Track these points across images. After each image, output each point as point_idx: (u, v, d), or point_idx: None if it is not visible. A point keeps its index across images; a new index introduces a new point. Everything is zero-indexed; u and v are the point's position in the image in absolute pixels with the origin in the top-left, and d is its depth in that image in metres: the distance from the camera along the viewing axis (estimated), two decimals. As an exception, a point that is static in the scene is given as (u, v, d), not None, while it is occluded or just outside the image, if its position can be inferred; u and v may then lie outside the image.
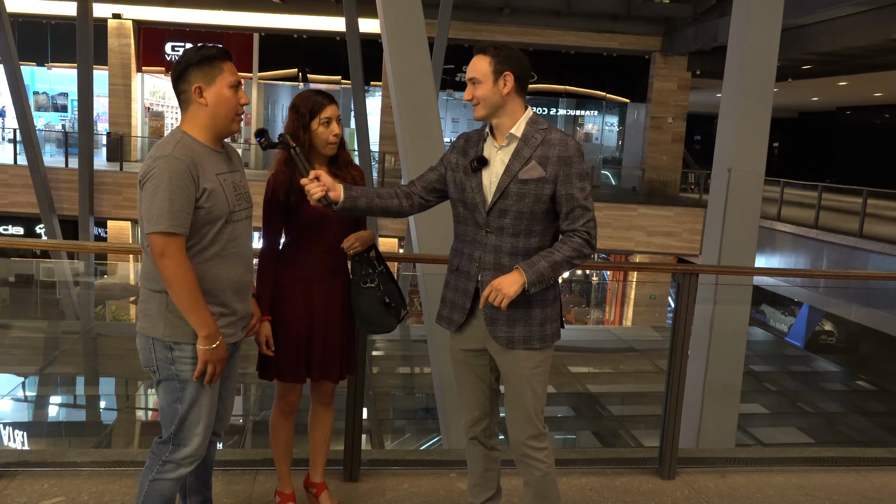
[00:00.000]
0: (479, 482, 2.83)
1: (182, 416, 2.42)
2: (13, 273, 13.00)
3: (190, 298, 2.30)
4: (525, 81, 2.52)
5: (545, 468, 2.63)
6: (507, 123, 2.52)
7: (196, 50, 2.39)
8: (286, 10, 19.01)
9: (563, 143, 2.48)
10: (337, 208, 2.54)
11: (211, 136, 2.43)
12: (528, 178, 2.46)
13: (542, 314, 2.56)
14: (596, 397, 11.88)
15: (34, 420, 10.29)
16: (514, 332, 2.54)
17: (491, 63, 2.47)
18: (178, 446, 2.44)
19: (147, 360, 2.43)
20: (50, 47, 20.14)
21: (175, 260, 2.28)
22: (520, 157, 2.48)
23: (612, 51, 20.19)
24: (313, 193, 2.49)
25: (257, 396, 10.21)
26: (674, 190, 20.27)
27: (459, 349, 2.71)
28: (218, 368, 2.39)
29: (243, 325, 2.58)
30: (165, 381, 2.42)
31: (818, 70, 18.18)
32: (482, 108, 2.50)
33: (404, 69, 5.62)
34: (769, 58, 5.90)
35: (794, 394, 13.00)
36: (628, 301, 20.65)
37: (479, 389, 2.74)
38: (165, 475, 2.44)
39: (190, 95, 2.38)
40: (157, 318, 2.38)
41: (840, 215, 14.85)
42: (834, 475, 3.89)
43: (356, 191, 2.58)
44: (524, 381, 2.58)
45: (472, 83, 2.51)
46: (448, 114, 25.81)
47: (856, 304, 13.01)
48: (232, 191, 2.45)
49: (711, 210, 6.18)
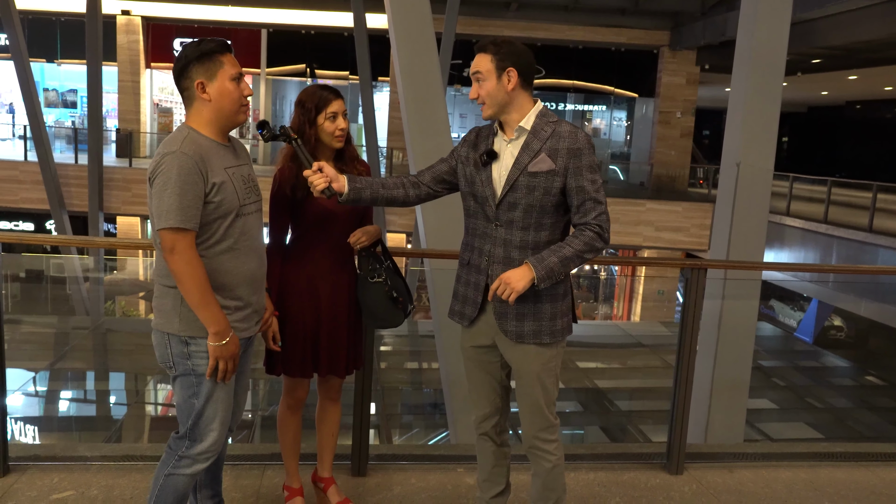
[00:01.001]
0: (488, 478, 2.83)
1: (199, 412, 2.42)
2: (24, 269, 13.06)
3: (200, 294, 2.30)
4: (529, 75, 2.50)
5: (555, 460, 2.65)
6: (515, 118, 2.50)
7: (195, 45, 2.39)
8: (294, 5, 19.00)
9: (573, 135, 2.46)
10: (341, 199, 2.53)
11: (217, 130, 2.43)
12: (538, 170, 2.45)
13: (551, 309, 2.54)
14: (604, 392, 11.88)
15: (45, 415, 10.36)
16: (523, 327, 2.53)
17: (493, 60, 2.46)
18: (194, 441, 2.45)
19: (163, 356, 2.44)
20: (59, 44, 20.20)
21: (185, 256, 2.28)
22: (529, 150, 2.47)
23: (619, 45, 20.11)
24: (316, 184, 2.48)
25: (265, 392, 10.25)
26: (682, 185, 20.19)
27: (469, 346, 2.71)
28: (230, 365, 2.39)
29: (257, 320, 2.58)
30: (182, 377, 2.42)
31: (827, 64, 18.07)
32: (489, 106, 2.49)
33: (412, 65, 5.62)
34: (778, 52, 5.87)
35: (803, 389, 12.96)
36: (636, 296, 20.61)
37: (489, 386, 2.73)
38: (181, 470, 2.45)
39: (193, 92, 2.39)
40: (172, 313, 2.38)
41: (850, 210, 14.77)
42: (843, 470, 3.88)
43: (360, 181, 2.57)
44: (534, 376, 2.57)
45: (476, 81, 2.50)
46: (456, 109, 25.79)
47: (865, 300, 12.95)
48: (241, 184, 2.45)
49: (720, 205, 6.17)
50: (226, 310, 2.41)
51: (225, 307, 2.41)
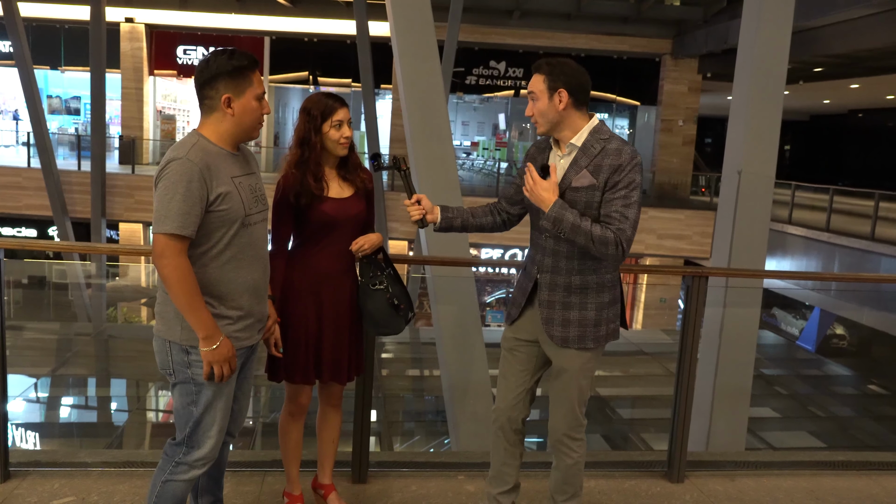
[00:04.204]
0: (496, 474, 2.94)
1: (197, 419, 2.42)
2: (26, 275, 13.07)
3: (187, 298, 2.30)
4: (582, 94, 2.58)
5: (577, 457, 2.76)
6: (567, 135, 2.60)
7: (227, 58, 2.36)
8: (297, 13, 19.08)
9: (618, 152, 2.54)
10: (435, 229, 2.73)
11: (230, 142, 2.44)
12: (580, 185, 2.54)
13: (596, 317, 2.64)
14: (606, 400, 11.84)
15: (46, 421, 10.35)
16: (568, 332, 2.65)
17: (545, 80, 2.56)
18: (191, 448, 2.45)
19: (164, 362, 2.44)
20: (63, 51, 20.29)
21: (173, 261, 2.28)
22: (576, 166, 2.57)
23: (622, 53, 20.17)
24: (413, 215, 2.72)
25: (267, 398, 10.24)
26: (684, 193, 20.21)
27: (511, 336, 2.82)
28: (225, 369, 2.38)
29: (260, 328, 2.59)
30: (181, 384, 2.43)
31: (830, 72, 18.09)
32: (541, 124, 2.61)
33: (414, 72, 5.63)
34: (779, 60, 5.88)
35: (806, 398, 12.92)
36: (639, 304, 20.58)
37: (518, 379, 2.83)
38: (178, 476, 2.45)
39: (217, 103, 2.37)
40: (174, 321, 2.38)
41: (852, 218, 14.76)
42: (844, 479, 3.87)
43: (451, 211, 2.79)
44: (573, 377, 2.68)
45: (531, 100, 2.61)
46: (458, 117, 25.87)
47: (868, 308, 12.93)
48: (248, 193, 2.45)
49: (721, 213, 6.16)
50: (227, 319, 2.41)
51: (227, 316, 2.41)
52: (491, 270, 20.96)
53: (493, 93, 20.86)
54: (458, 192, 5.65)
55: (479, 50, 19.96)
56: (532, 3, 18.18)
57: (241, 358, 2.52)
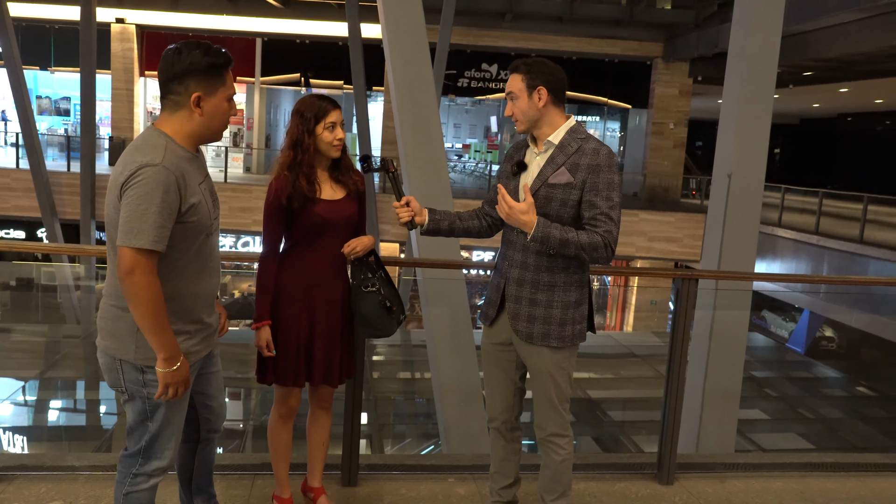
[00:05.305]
0: (498, 469, 3.01)
1: (153, 434, 2.33)
2: (14, 277, 12.99)
3: (155, 318, 2.15)
4: (560, 92, 2.63)
5: (564, 454, 2.79)
6: (546, 132, 2.64)
7: (202, 53, 2.18)
8: (289, 15, 19.05)
9: (596, 152, 2.57)
10: (422, 231, 2.74)
11: (193, 144, 2.28)
12: (556, 182, 2.57)
13: (561, 315, 2.66)
14: (596, 403, 11.85)
15: (34, 424, 10.27)
16: (532, 328, 2.67)
17: (524, 79, 2.60)
18: (148, 459, 2.36)
19: (114, 381, 2.32)
20: (53, 51, 20.18)
21: (145, 279, 2.11)
22: (553, 164, 2.60)
23: (613, 57, 20.21)
24: (402, 217, 2.73)
25: (257, 401, 10.20)
26: (675, 195, 20.27)
27: (489, 343, 2.87)
28: (181, 390, 2.26)
29: (212, 332, 2.47)
30: (136, 401, 2.32)
31: (819, 76, 18.19)
32: (521, 122, 2.64)
33: (405, 74, 5.63)
34: (770, 64, 5.91)
35: (795, 399, 12.97)
36: (629, 306, 20.63)
37: (503, 384, 2.88)
38: (138, 487, 2.36)
39: (185, 101, 2.19)
40: (128, 339, 2.25)
41: (841, 221, 14.84)
42: (833, 480, 3.89)
43: (439, 214, 2.82)
44: (547, 375, 2.71)
45: (510, 99, 2.64)
46: (450, 119, 25.87)
47: (857, 310, 12.99)
48: (210, 199, 2.33)
49: (711, 216, 6.18)
50: (186, 334, 2.30)
51: (185, 332, 2.30)
52: (482, 273, 20.95)
53: (484, 95, 20.88)
54: (449, 194, 5.65)
55: (471, 52, 19.97)
56: (524, 6, 18.21)
57: (197, 365, 2.42)
